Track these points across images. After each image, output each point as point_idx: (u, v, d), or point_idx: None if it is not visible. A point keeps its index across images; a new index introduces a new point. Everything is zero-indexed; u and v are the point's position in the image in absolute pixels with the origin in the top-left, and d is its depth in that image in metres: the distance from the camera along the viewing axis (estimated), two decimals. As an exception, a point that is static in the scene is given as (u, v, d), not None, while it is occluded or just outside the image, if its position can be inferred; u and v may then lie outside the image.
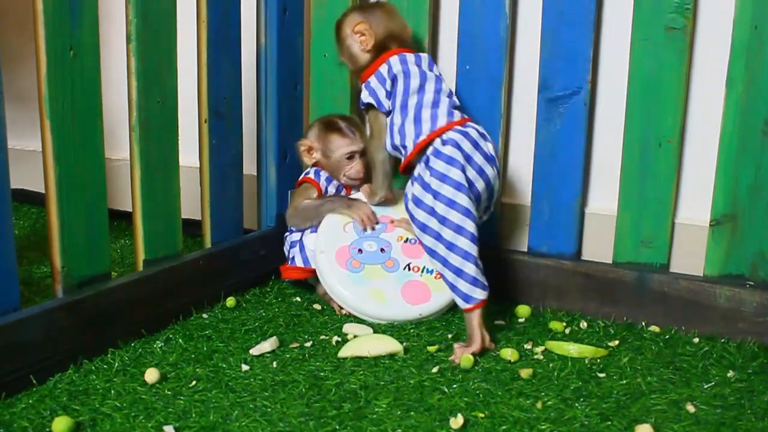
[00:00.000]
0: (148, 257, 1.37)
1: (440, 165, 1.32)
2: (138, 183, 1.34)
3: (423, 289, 1.45)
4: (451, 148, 1.32)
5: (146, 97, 1.33)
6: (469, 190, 1.32)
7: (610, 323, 1.43)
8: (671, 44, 1.39)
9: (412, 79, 1.40)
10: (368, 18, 1.47)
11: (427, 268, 1.47)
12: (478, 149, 1.35)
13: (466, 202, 1.31)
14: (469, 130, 1.36)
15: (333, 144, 1.56)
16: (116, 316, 1.27)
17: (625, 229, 1.47)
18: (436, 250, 1.32)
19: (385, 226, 1.51)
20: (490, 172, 1.36)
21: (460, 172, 1.31)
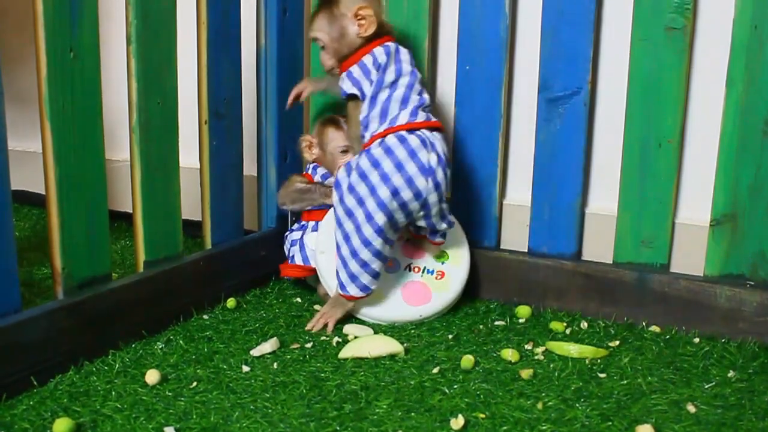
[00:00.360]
0: (148, 258, 1.37)
1: (366, 164, 1.34)
2: (138, 184, 1.34)
3: (423, 290, 1.45)
4: (380, 152, 1.34)
5: (146, 99, 1.33)
6: (393, 197, 1.33)
7: (611, 323, 1.43)
8: (671, 44, 1.39)
9: (387, 75, 1.39)
10: (371, 2, 1.42)
11: (428, 269, 1.47)
12: (414, 158, 1.34)
13: (372, 207, 1.33)
14: (411, 138, 1.35)
15: (327, 137, 1.57)
16: (117, 317, 1.27)
17: (625, 229, 1.47)
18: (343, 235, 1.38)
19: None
20: (421, 184, 1.34)
21: (378, 176, 1.33)
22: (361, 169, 1.35)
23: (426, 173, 1.34)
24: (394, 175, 1.33)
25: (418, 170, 1.34)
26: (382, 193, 1.33)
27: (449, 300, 1.44)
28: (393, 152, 1.34)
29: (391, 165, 1.33)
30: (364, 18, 1.40)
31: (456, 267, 1.49)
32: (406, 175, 1.33)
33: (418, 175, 1.34)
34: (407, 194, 1.34)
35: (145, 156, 1.34)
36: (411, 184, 1.33)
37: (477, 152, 1.56)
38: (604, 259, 1.50)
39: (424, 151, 1.34)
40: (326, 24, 1.44)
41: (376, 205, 1.34)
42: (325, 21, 1.44)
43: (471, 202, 1.56)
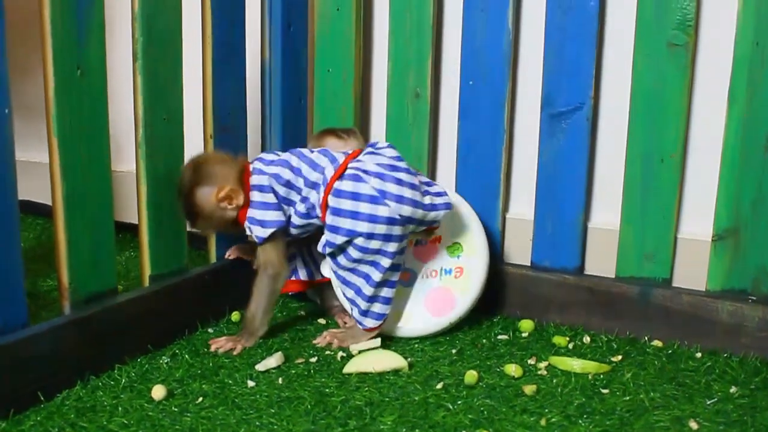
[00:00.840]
0: (153, 273, 1.38)
1: (344, 222, 1.32)
2: (144, 199, 1.35)
3: (447, 297, 1.44)
4: (344, 203, 1.32)
5: (152, 114, 1.34)
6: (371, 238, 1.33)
7: (613, 338, 1.43)
8: (673, 60, 1.40)
9: (283, 174, 1.36)
10: (219, 180, 1.35)
11: (445, 269, 1.46)
12: (361, 197, 1.32)
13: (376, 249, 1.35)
14: (348, 183, 1.33)
15: (327, 146, 1.55)
16: (123, 331, 1.28)
17: (627, 244, 1.47)
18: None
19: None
20: (383, 212, 1.31)
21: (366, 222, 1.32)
22: (343, 230, 1.32)
23: (380, 200, 1.31)
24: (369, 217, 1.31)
25: (372, 203, 1.31)
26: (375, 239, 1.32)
27: (474, 298, 1.44)
28: (354, 197, 1.32)
29: (360, 209, 1.31)
30: (226, 198, 1.35)
31: (473, 257, 1.47)
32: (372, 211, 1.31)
33: (377, 207, 1.31)
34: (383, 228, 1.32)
35: (151, 171, 1.35)
36: (376, 220, 1.31)
37: (480, 167, 1.57)
38: (606, 274, 1.50)
39: (365, 184, 1.32)
40: (205, 225, 1.40)
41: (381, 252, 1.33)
42: (202, 224, 1.39)
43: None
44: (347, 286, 1.39)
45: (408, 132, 1.63)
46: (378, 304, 1.38)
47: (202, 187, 1.36)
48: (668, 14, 1.39)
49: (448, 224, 1.48)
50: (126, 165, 1.74)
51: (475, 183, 1.57)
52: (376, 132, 1.72)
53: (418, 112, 1.61)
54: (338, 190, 1.33)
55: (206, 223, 1.39)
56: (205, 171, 1.37)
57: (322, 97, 1.69)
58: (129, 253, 1.85)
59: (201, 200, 1.36)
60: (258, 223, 1.36)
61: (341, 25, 1.64)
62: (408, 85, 1.61)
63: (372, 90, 1.72)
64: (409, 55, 1.60)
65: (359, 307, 1.38)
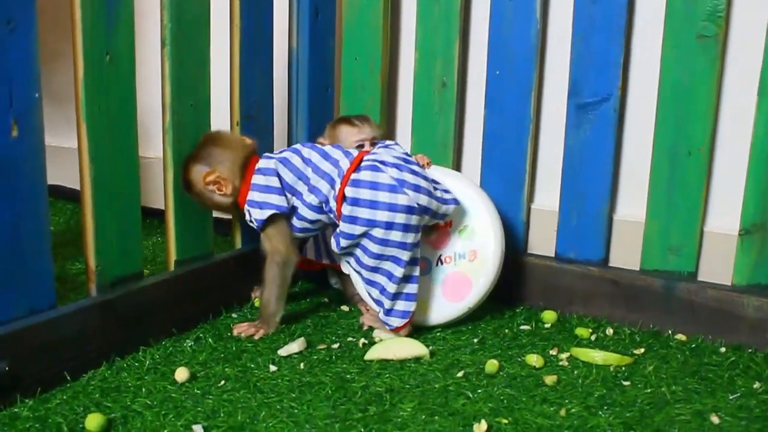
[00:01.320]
0: (179, 258, 1.40)
1: (363, 212, 1.33)
2: (171, 185, 1.37)
3: (463, 281, 1.44)
4: (365, 192, 1.33)
5: (179, 101, 1.36)
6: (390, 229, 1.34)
7: (636, 330, 1.43)
8: (703, 52, 1.38)
9: (293, 160, 1.38)
10: (214, 163, 1.36)
11: (458, 253, 1.46)
12: (381, 187, 1.33)
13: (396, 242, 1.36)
14: (367, 173, 1.35)
15: (342, 134, 1.55)
16: (148, 315, 1.30)
17: (653, 237, 1.47)
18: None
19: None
20: (403, 200, 1.33)
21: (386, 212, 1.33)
22: (361, 220, 1.33)
23: (399, 189, 1.32)
24: (386, 208, 1.32)
25: (391, 191, 1.32)
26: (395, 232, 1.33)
27: (490, 281, 1.44)
28: (373, 187, 1.33)
29: (380, 198, 1.32)
30: (214, 183, 1.36)
31: (485, 239, 1.45)
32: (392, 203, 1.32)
33: (396, 196, 1.32)
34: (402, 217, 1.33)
35: (177, 157, 1.37)
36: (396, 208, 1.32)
37: (506, 157, 1.57)
38: (631, 266, 1.50)
39: (383, 174, 1.33)
40: (197, 200, 1.40)
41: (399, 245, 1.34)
42: (195, 198, 1.40)
43: (498, 206, 1.56)
44: (372, 286, 1.39)
45: (434, 121, 1.63)
46: (401, 302, 1.37)
47: (195, 165, 1.37)
48: (698, 5, 1.38)
49: (458, 208, 1.46)
50: (154, 151, 1.76)
51: (500, 173, 1.57)
52: (402, 121, 1.73)
53: (445, 102, 1.61)
54: (356, 180, 1.33)
55: (198, 199, 1.40)
56: (206, 150, 1.38)
57: (349, 87, 1.70)
58: (156, 238, 1.87)
59: (192, 177, 1.37)
60: (257, 206, 1.35)
61: (369, 14, 1.64)
62: (435, 74, 1.61)
63: (399, 79, 1.72)
64: (437, 44, 1.60)
65: (384, 307, 1.38)
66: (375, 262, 1.35)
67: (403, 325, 1.38)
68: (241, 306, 1.50)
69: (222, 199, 1.38)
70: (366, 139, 1.53)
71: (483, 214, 1.46)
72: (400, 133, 1.74)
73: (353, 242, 1.35)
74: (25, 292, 1.13)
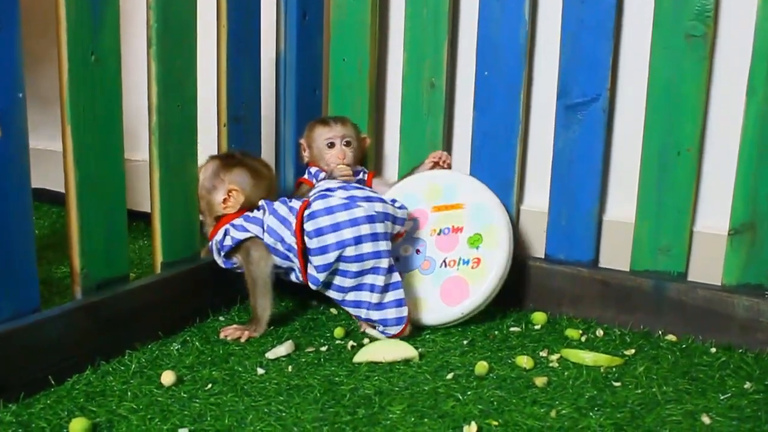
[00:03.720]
0: (166, 260, 1.39)
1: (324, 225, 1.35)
2: (157, 186, 1.36)
3: (461, 286, 1.43)
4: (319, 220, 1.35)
5: (166, 102, 1.34)
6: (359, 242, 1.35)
7: (627, 331, 1.43)
8: (691, 52, 1.38)
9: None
10: (247, 185, 1.43)
11: (463, 259, 1.45)
12: (339, 210, 1.36)
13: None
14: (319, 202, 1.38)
15: (314, 133, 1.59)
16: (134, 318, 1.29)
17: (643, 237, 1.46)
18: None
19: (418, 222, 1.51)
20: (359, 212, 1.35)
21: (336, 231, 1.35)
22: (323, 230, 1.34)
23: (352, 204, 1.35)
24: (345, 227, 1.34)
25: (346, 209, 1.35)
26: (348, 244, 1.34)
27: (488, 291, 1.43)
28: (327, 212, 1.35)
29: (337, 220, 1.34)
30: (230, 197, 1.42)
31: (493, 249, 1.45)
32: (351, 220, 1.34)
33: (353, 211, 1.34)
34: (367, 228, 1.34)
35: (164, 158, 1.36)
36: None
37: (495, 158, 1.56)
38: (621, 267, 1.50)
39: (333, 198, 1.36)
40: (200, 192, 1.44)
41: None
42: (200, 188, 1.44)
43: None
44: (358, 307, 1.37)
45: (423, 122, 1.63)
46: (391, 310, 1.36)
47: (238, 171, 1.43)
48: (687, 5, 1.38)
49: (472, 215, 1.48)
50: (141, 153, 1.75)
51: (490, 174, 1.56)
52: (390, 122, 1.72)
53: (433, 103, 1.61)
54: (311, 213, 1.35)
55: (202, 187, 1.44)
56: (254, 171, 1.44)
57: (337, 88, 1.69)
58: (142, 241, 1.87)
59: (225, 176, 1.43)
60: (237, 229, 1.39)
61: (357, 15, 1.64)
62: (423, 75, 1.61)
63: (387, 80, 1.71)
64: (425, 45, 1.59)
65: (376, 321, 1.37)
66: (356, 281, 1.36)
67: (401, 330, 1.37)
68: (229, 309, 1.49)
69: (215, 209, 1.43)
70: (335, 137, 1.56)
71: (495, 223, 1.47)
72: (388, 135, 1.73)
73: (330, 271, 1.35)
74: (9, 295, 1.11)
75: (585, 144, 1.49)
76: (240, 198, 1.41)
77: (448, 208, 1.51)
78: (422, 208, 1.52)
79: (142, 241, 1.87)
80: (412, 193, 1.54)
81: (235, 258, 1.41)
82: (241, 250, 1.39)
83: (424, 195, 1.53)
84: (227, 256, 1.41)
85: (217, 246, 1.40)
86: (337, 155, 1.57)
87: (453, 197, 1.51)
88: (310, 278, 1.37)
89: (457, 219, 1.49)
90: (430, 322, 1.43)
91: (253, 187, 1.43)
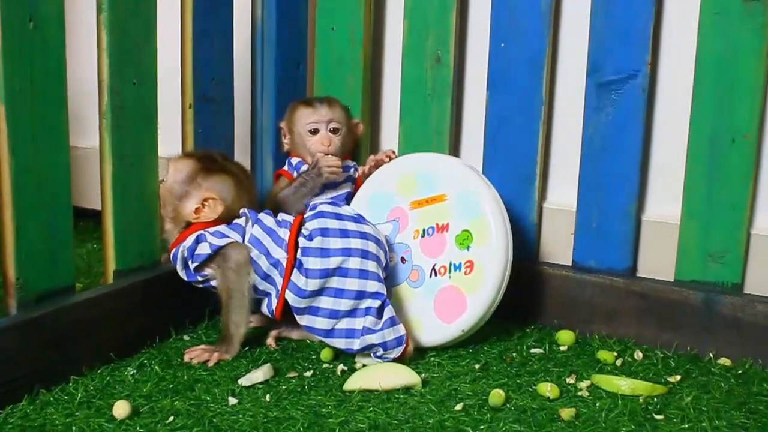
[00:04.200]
0: (120, 267, 1.38)
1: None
2: (109, 180, 1.35)
3: (457, 297, 1.42)
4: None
5: (120, 78, 1.33)
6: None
7: (671, 354, 1.42)
8: (748, 19, 1.38)
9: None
10: (226, 194, 1.43)
11: (454, 264, 1.43)
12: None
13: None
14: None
15: (295, 116, 1.59)
16: (81, 337, 1.28)
17: (689, 241, 1.46)
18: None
19: (398, 223, 1.49)
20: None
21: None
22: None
23: (362, 220, 1.44)
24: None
25: (356, 222, 1.42)
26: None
27: (488, 302, 1.40)
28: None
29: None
30: (205, 204, 1.40)
31: (485, 248, 1.42)
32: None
33: (362, 225, 1.42)
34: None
35: (117, 146, 1.35)
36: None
37: (513, 146, 1.56)
38: (663, 276, 1.49)
39: (344, 208, 1.46)
40: (164, 194, 1.43)
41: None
42: (163, 190, 1.44)
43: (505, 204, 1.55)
44: (352, 337, 1.36)
45: (427, 104, 1.62)
46: (388, 330, 1.35)
47: (214, 178, 1.42)
48: (743, -38, 1.37)
49: (457, 207, 1.45)
50: (90, 140, 1.74)
51: (507, 166, 1.57)
52: (388, 103, 1.72)
53: (439, 80, 1.60)
54: (318, 213, 1.41)
55: (164, 188, 1.43)
56: (235, 179, 1.44)
57: (325, 62, 1.69)
58: (92, 245, 1.86)
59: (200, 180, 1.42)
60: (215, 235, 1.38)
61: (348, -25, 1.64)
62: (427, 47, 1.60)
63: (384, 53, 1.71)
64: (430, 11, 1.59)
65: (374, 346, 1.35)
66: (354, 303, 1.36)
67: (404, 350, 1.36)
68: (195, 326, 1.48)
69: (183, 217, 1.41)
70: (320, 121, 1.56)
71: (486, 214, 1.44)
72: (385, 119, 1.73)
73: (323, 282, 1.35)
74: (-71, 309, 1.10)
75: (620, 129, 1.48)
76: (218, 209, 1.40)
77: (429, 202, 1.48)
78: (399, 206, 1.50)
79: (90, 244, 1.86)
80: (383, 191, 1.52)
81: (208, 269, 1.39)
82: (217, 256, 1.38)
83: (397, 189, 1.51)
84: (198, 268, 1.39)
85: (184, 254, 1.38)
86: (320, 142, 1.56)
87: (432, 187, 1.48)
88: (293, 289, 1.36)
89: (441, 214, 1.46)
90: (428, 344, 1.42)
91: (236, 197, 1.43)
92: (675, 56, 1.48)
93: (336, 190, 1.57)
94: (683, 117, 1.45)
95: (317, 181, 1.54)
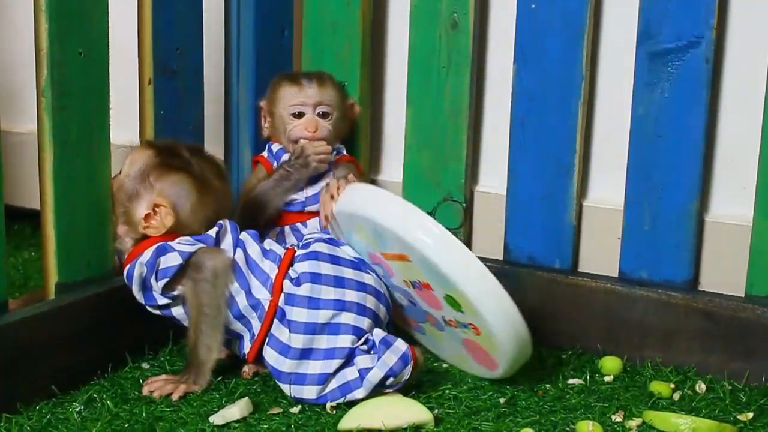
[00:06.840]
0: (63, 280, 1.38)
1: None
2: (49, 173, 1.35)
3: (481, 352, 1.42)
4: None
5: (62, 48, 1.33)
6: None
7: (741, 387, 1.43)
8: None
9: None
10: (179, 201, 1.43)
11: (460, 323, 1.40)
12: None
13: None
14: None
15: (278, 95, 1.59)
16: (15, 365, 1.28)
17: (764, 247, 1.46)
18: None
19: (383, 268, 1.46)
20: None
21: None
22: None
23: (363, 267, 1.44)
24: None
25: (354, 269, 1.43)
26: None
27: (512, 358, 1.37)
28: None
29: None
30: (156, 212, 1.40)
31: (479, 320, 1.35)
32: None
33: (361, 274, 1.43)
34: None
35: (60, 131, 1.34)
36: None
37: (546, 131, 1.56)
38: (732, 291, 1.50)
39: (343, 249, 1.46)
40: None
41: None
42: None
43: (534, 202, 1.55)
44: (350, 390, 1.35)
45: (440, 79, 1.63)
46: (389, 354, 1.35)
47: (165, 178, 1.41)
48: None
49: (425, 272, 1.36)
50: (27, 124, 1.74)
51: (538, 155, 1.57)
52: (393, 79, 1.72)
53: (456, 50, 1.61)
54: (309, 253, 1.41)
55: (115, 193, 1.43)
56: (191, 181, 1.41)
57: (315, 28, 1.70)
58: (29, 252, 1.87)
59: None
60: (182, 242, 1.38)
61: None
62: (441, 9, 1.61)
63: (388, 17, 1.72)
64: (443, -35, 1.60)
65: (382, 373, 1.34)
66: (346, 359, 1.36)
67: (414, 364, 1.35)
68: (156, 352, 1.49)
69: (135, 223, 1.40)
70: (306, 103, 1.57)
71: (457, 284, 1.33)
72: (389, 98, 1.74)
73: (309, 340, 1.35)
74: None
75: (678, 110, 1.48)
76: (168, 220, 1.39)
77: (398, 258, 1.41)
78: (374, 253, 1.45)
79: (27, 252, 1.87)
80: (352, 237, 1.48)
81: (179, 287, 1.38)
82: (188, 267, 1.37)
83: (363, 238, 1.45)
84: (168, 286, 1.37)
85: (142, 273, 1.37)
86: (305, 127, 1.56)
87: (387, 243, 1.40)
88: (275, 346, 1.36)
89: (417, 273, 1.39)
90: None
91: (195, 209, 1.41)
92: (746, 19, 1.48)
93: (321, 179, 1.57)
94: (757, 94, 1.45)
95: (303, 173, 1.55)
